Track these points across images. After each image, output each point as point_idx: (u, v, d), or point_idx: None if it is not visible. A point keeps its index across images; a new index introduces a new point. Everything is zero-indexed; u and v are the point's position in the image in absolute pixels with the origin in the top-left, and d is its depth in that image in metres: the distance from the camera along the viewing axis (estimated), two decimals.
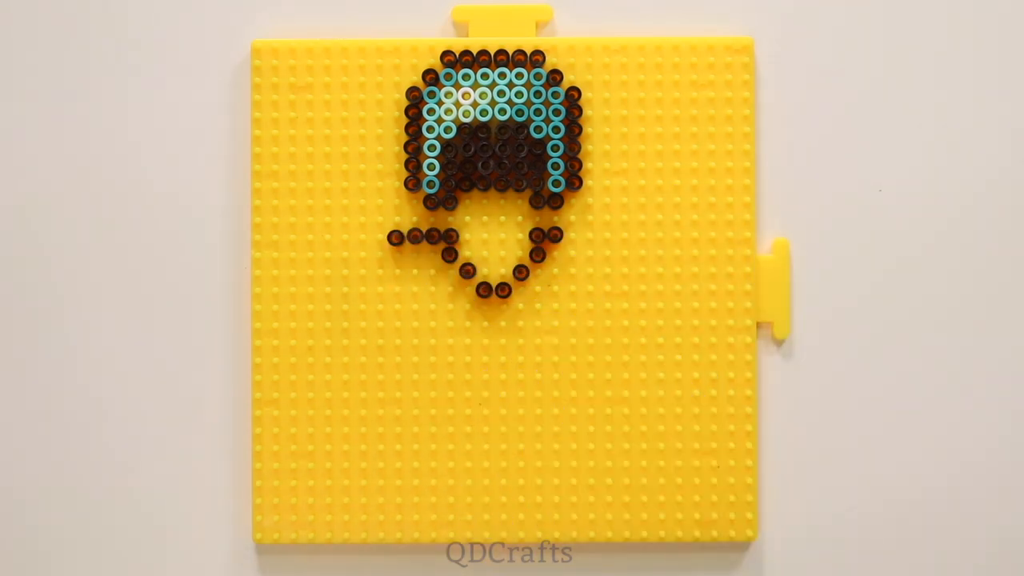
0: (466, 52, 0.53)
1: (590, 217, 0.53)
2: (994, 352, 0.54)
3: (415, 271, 0.53)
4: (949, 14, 0.54)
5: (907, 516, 0.54)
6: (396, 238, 0.53)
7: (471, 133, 0.53)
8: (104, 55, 0.54)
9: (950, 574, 0.54)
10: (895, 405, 0.54)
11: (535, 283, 0.53)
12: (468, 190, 0.53)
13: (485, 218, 0.53)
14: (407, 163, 0.53)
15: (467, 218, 0.53)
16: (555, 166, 0.53)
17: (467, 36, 0.54)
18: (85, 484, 0.54)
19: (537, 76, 0.53)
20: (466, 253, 0.53)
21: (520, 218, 0.53)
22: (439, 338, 0.53)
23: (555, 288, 0.53)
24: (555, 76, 0.53)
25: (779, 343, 0.54)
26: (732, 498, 0.53)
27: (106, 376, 0.54)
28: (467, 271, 0.53)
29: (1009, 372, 0.54)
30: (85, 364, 0.54)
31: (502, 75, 0.53)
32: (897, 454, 0.54)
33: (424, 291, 0.53)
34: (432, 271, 0.53)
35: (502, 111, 0.52)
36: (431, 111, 0.53)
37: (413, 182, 0.53)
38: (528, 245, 0.53)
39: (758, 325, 0.53)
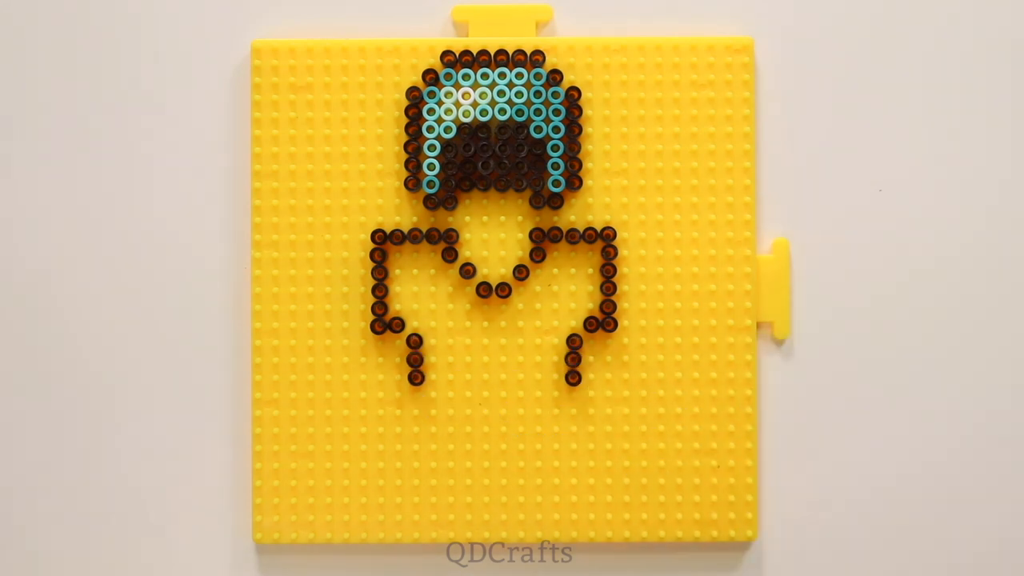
0: (466, 52, 0.53)
1: (590, 217, 0.53)
2: (994, 352, 0.54)
3: (415, 271, 0.53)
4: (949, 14, 0.54)
5: (907, 515, 0.54)
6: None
7: (471, 133, 0.53)
8: (104, 55, 0.54)
9: (949, 573, 0.54)
10: (895, 405, 0.54)
11: (535, 283, 0.53)
12: (468, 190, 0.53)
13: (485, 218, 0.53)
14: (407, 163, 0.53)
15: (467, 218, 0.53)
16: (555, 166, 0.53)
17: (467, 36, 0.54)
18: (85, 484, 0.54)
19: (537, 76, 0.53)
20: (466, 253, 0.53)
21: (520, 218, 0.53)
22: (439, 338, 0.53)
23: (555, 288, 0.53)
24: (555, 76, 0.53)
25: (779, 343, 0.54)
26: (732, 498, 0.53)
27: (106, 376, 0.54)
28: (467, 271, 0.53)
29: (1009, 372, 0.54)
30: (85, 364, 0.54)
31: (502, 75, 0.53)
32: (897, 454, 0.54)
33: (424, 291, 0.53)
34: (432, 271, 0.53)
35: (502, 111, 0.52)
36: (431, 111, 0.53)
37: (413, 182, 0.53)
38: (528, 245, 0.53)
39: (758, 325, 0.53)
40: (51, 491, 0.54)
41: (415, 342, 0.53)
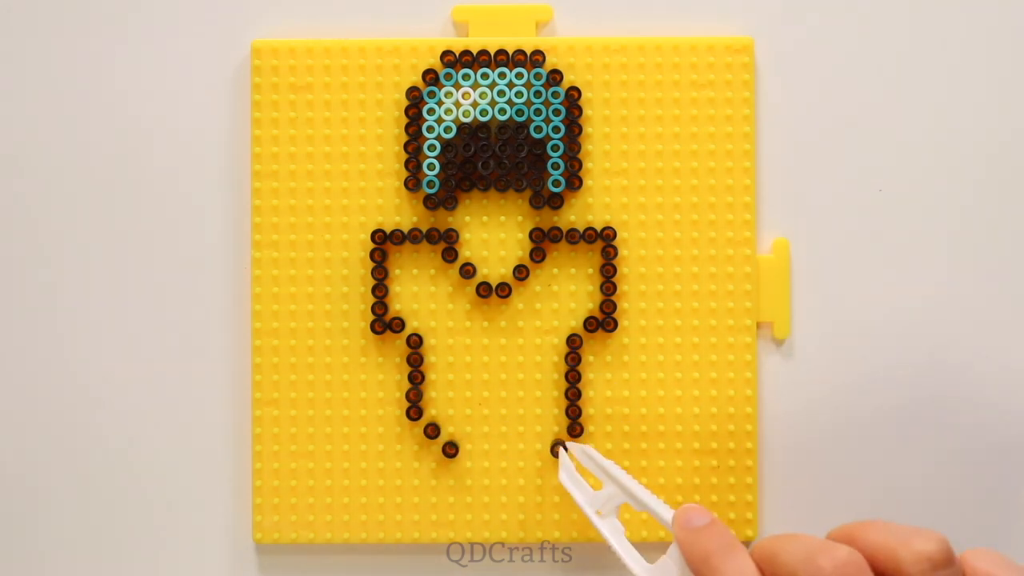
0: (466, 52, 0.53)
1: (590, 217, 0.53)
2: (994, 352, 0.54)
3: (415, 271, 0.53)
4: (949, 14, 0.54)
5: (907, 516, 0.54)
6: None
7: (471, 133, 0.53)
8: (104, 55, 0.54)
9: None
10: (895, 405, 0.54)
11: (535, 283, 0.53)
12: (468, 190, 0.53)
13: (485, 218, 0.53)
14: (407, 163, 0.53)
15: (467, 218, 0.53)
16: (555, 166, 0.53)
17: (467, 36, 0.54)
18: (85, 484, 0.54)
19: (537, 76, 0.53)
20: (466, 253, 0.53)
21: (520, 218, 0.53)
22: (439, 338, 0.53)
23: (555, 288, 0.53)
24: (555, 76, 0.53)
25: (779, 343, 0.54)
26: (732, 498, 0.53)
27: (106, 376, 0.54)
28: (467, 271, 0.53)
29: (1009, 373, 0.54)
30: (85, 364, 0.54)
31: (502, 75, 0.53)
32: (896, 454, 0.54)
33: (424, 291, 0.53)
34: (432, 271, 0.53)
35: (502, 111, 0.52)
36: (431, 111, 0.53)
37: (413, 182, 0.53)
38: (528, 245, 0.53)
39: (758, 325, 0.53)
40: (51, 491, 0.54)
41: (415, 342, 0.53)
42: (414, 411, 0.53)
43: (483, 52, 0.53)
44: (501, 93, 0.53)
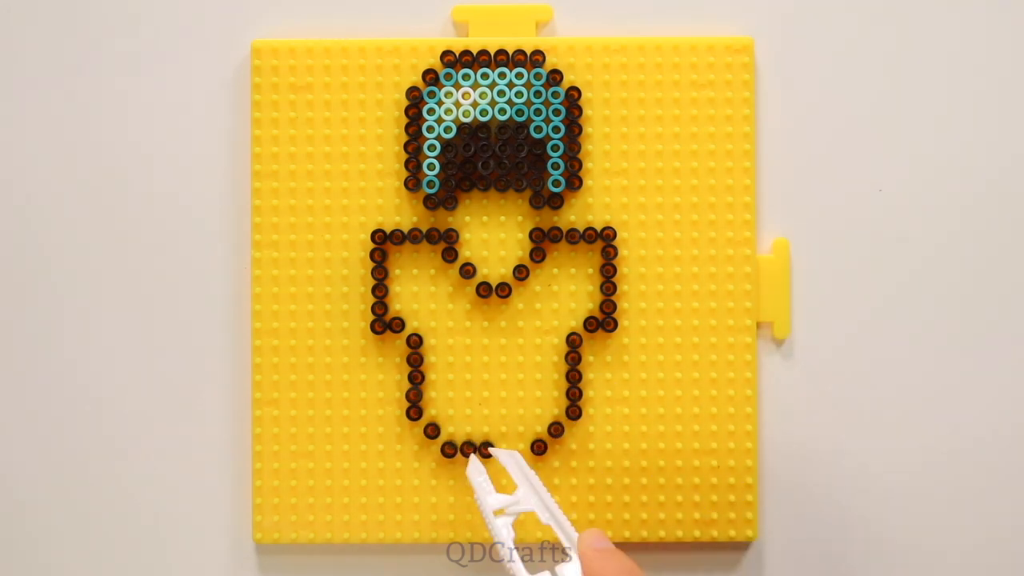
0: (466, 52, 0.53)
1: (590, 217, 0.53)
2: (994, 352, 0.54)
3: (415, 271, 0.53)
4: (949, 15, 0.54)
5: (907, 514, 0.54)
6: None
7: (471, 133, 0.53)
8: (104, 55, 0.54)
9: (949, 572, 0.54)
10: (894, 404, 0.54)
11: (535, 283, 0.53)
12: (468, 190, 0.53)
13: (485, 218, 0.53)
14: (407, 163, 0.53)
15: (467, 218, 0.53)
16: (555, 166, 0.53)
17: (467, 36, 0.54)
18: (85, 484, 0.54)
19: (537, 76, 0.53)
20: (466, 253, 0.53)
21: (520, 218, 0.53)
22: (439, 338, 0.53)
23: (555, 288, 0.53)
24: (555, 76, 0.53)
25: (779, 343, 0.54)
26: (732, 498, 0.53)
27: (106, 376, 0.54)
28: (467, 271, 0.53)
29: (1009, 372, 0.54)
30: (85, 364, 0.54)
31: (502, 75, 0.53)
32: (896, 454, 0.54)
33: (424, 291, 0.53)
34: (432, 271, 0.53)
35: (502, 111, 0.52)
36: (431, 111, 0.53)
37: (413, 182, 0.53)
38: (528, 245, 0.53)
39: (758, 325, 0.53)
40: (51, 491, 0.54)
41: (415, 342, 0.53)
42: (414, 411, 0.53)
43: (483, 52, 0.53)
44: (501, 93, 0.53)
